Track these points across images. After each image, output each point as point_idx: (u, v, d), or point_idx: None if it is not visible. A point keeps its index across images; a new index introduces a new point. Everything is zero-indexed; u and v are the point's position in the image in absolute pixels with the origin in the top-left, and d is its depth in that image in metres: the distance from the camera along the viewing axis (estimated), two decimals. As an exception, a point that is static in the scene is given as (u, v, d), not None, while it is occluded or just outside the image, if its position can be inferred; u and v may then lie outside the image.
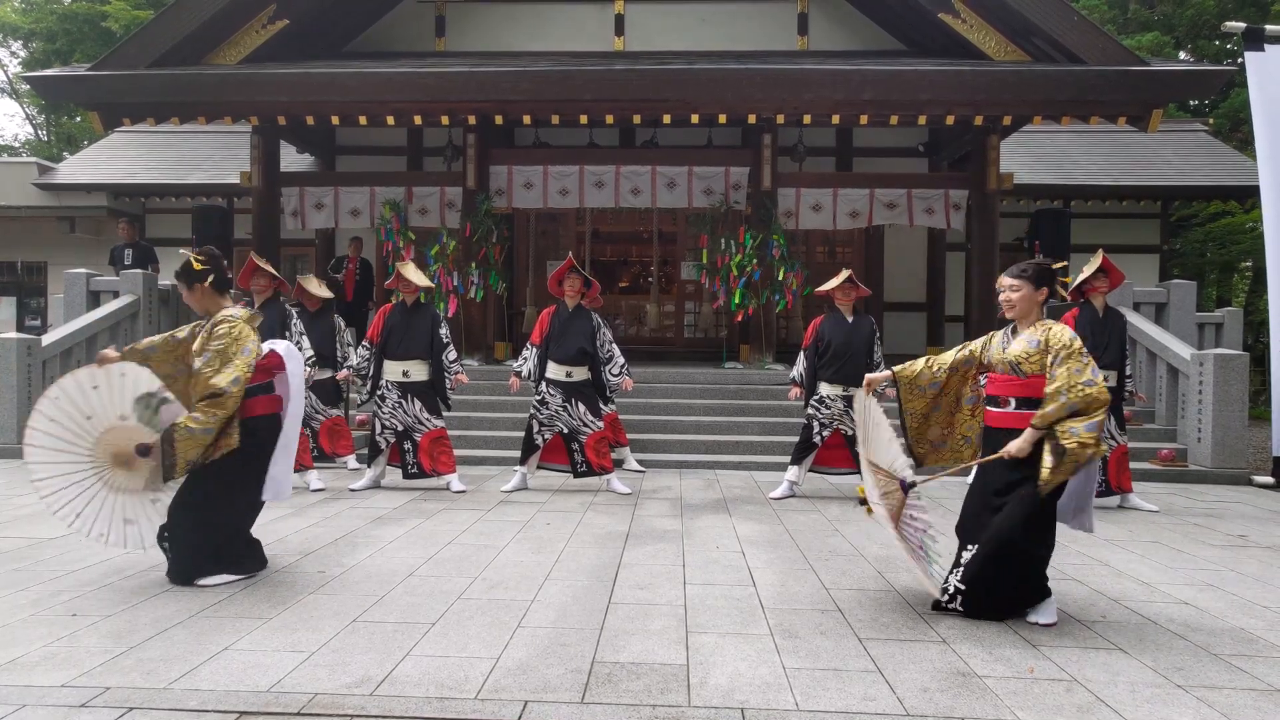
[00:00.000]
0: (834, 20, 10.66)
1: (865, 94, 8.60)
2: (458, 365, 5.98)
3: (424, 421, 5.84)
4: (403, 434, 5.84)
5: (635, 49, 10.54)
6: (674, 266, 12.71)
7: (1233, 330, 8.55)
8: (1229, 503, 6.14)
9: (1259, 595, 3.70)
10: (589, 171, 10.22)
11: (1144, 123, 8.82)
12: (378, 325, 5.96)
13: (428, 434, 5.84)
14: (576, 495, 5.87)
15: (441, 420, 5.96)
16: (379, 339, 5.92)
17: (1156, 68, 8.78)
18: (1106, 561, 4.24)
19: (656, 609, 3.33)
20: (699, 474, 6.99)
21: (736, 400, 8.52)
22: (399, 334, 5.88)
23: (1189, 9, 19.59)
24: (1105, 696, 2.54)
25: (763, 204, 9.75)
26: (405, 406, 5.82)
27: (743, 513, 5.37)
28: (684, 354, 11.82)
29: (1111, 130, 12.36)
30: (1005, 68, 8.77)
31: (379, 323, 5.97)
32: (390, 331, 5.90)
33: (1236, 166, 13.33)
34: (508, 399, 8.32)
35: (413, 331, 5.88)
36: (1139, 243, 13.64)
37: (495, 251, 9.78)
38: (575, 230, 12.42)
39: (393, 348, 5.88)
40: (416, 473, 5.86)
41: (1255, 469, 7.21)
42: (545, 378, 5.93)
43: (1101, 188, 12.83)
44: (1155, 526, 5.19)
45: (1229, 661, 2.87)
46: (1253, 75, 7.49)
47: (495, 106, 8.88)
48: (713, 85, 8.65)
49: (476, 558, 4.10)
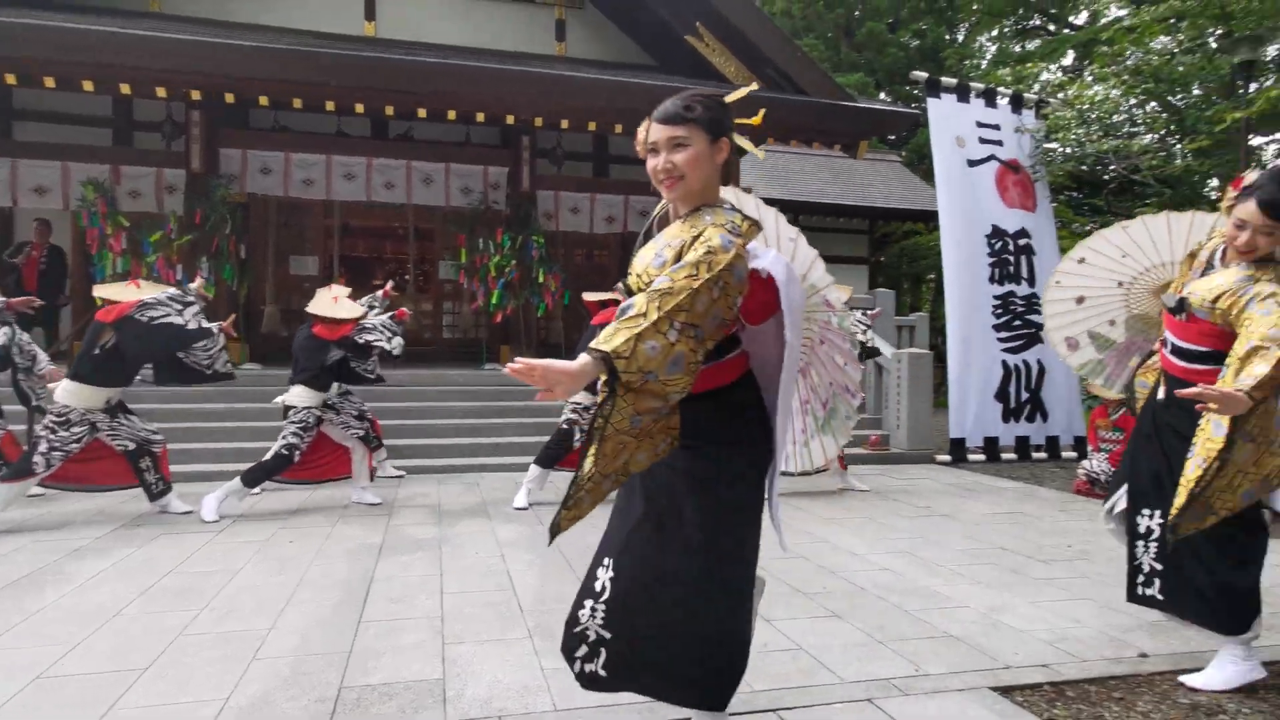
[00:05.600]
0: (591, 30, 10.95)
1: (620, 104, 8.93)
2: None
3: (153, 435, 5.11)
4: (135, 452, 5.05)
5: (388, 36, 10.04)
6: (432, 265, 12.30)
7: (922, 332, 10.10)
8: (920, 479, 7.24)
9: (938, 556, 4.41)
10: (338, 162, 9.56)
11: (853, 150, 10.14)
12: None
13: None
14: (324, 510, 5.47)
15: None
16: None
17: (864, 105, 10.11)
18: (827, 539, 4.80)
19: (411, 623, 3.21)
20: (460, 478, 6.84)
21: (497, 402, 8.45)
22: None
23: (887, 57, 22.89)
24: (824, 659, 2.88)
25: (522, 205, 9.77)
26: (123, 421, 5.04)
27: (504, 516, 5.34)
28: (443, 355, 11.49)
29: (826, 154, 14.01)
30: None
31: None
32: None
33: (923, 194, 15.79)
34: (244, 407, 7.55)
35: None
36: (852, 255, 15.66)
37: (229, 243, 8.81)
38: (323, 223, 11.54)
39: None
40: (163, 489, 5.15)
41: (938, 450, 8.56)
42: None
43: (823, 204, 14.54)
44: (866, 504, 5.97)
45: (916, 616, 3.39)
46: (933, 118, 8.90)
47: (226, 83, 7.96)
48: (471, 82, 8.48)
49: (204, 586, 3.67)
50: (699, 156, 1.76)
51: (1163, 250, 3.33)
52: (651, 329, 1.52)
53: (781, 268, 1.81)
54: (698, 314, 1.56)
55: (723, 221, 1.72)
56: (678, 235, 1.75)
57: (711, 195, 1.83)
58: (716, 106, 1.81)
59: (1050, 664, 2.89)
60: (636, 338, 1.50)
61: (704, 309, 1.57)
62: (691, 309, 1.55)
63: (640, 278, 1.78)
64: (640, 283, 1.77)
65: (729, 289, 1.62)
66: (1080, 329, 3.74)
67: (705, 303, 1.57)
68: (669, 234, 1.79)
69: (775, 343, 1.88)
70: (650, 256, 1.77)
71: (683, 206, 1.83)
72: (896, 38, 23.74)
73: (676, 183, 1.78)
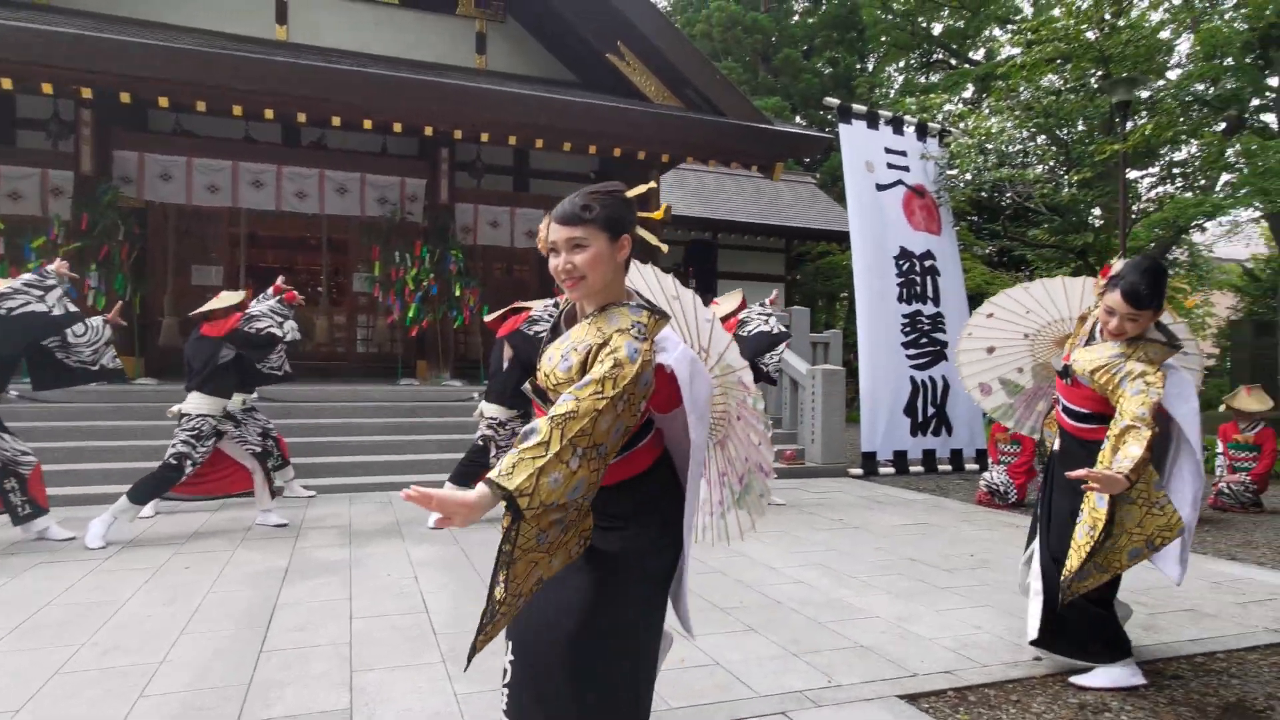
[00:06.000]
0: (512, 44, 10.91)
1: (541, 119, 8.92)
2: None
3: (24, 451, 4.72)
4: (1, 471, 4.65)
5: (300, 41, 9.73)
6: (346, 277, 11.94)
7: (836, 349, 10.39)
8: (833, 492, 7.44)
9: (851, 567, 4.53)
10: (245, 169, 9.19)
11: (770, 171, 10.41)
12: None
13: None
14: (225, 533, 5.19)
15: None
16: None
17: (779, 128, 10.42)
18: (744, 552, 4.86)
19: (317, 650, 3.07)
20: (372, 497, 6.61)
21: (412, 418, 8.23)
22: None
23: (802, 83, 23.71)
24: (739, 673, 2.90)
25: (440, 218, 9.61)
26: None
27: (418, 536, 5.19)
28: (357, 370, 11.14)
29: (745, 175, 14.35)
30: (665, 111, 9.74)
31: None
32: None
33: (836, 215, 16.35)
34: (138, 425, 7.11)
35: None
36: (770, 272, 16.04)
37: (122, 251, 8.31)
38: (229, 232, 11.06)
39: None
40: (31, 513, 4.74)
41: (851, 463, 8.82)
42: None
43: (741, 223, 14.86)
44: (782, 518, 6.08)
45: (830, 627, 3.47)
46: (844, 143, 9.24)
47: (121, 81, 7.54)
48: (387, 92, 8.30)
49: (86, 618, 3.41)
50: (599, 257, 1.72)
51: (1060, 307, 3.67)
52: (555, 460, 1.50)
53: (685, 365, 1.77)
54: (601, 434, 1.55)
55: (628, 325, 1.68)
56: (584, 338, 1.71)
57: (616, 292, 1.79)
58: (616, 204, 1.77)
59: (954, 670, 3.00)
60: (539, 472, 1.48)
61: (607, 427, 1.56)
62: (594, 431, 1.54)
63: (548, 378, 1.74)
64: (548, 383, 1.74)
65: (633, 401, 1.61)
66: (992, 375, 4.07)
67: (609, 421, 1.56)
68: (575, 335, 1.75)
69: (684, 432, 1.86)
70: (557, 359, 1.73)
71: (588, 305, 1.79)
72: (811, 64, 24.61)
73: (578, 283, 1.73)
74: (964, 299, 9.59)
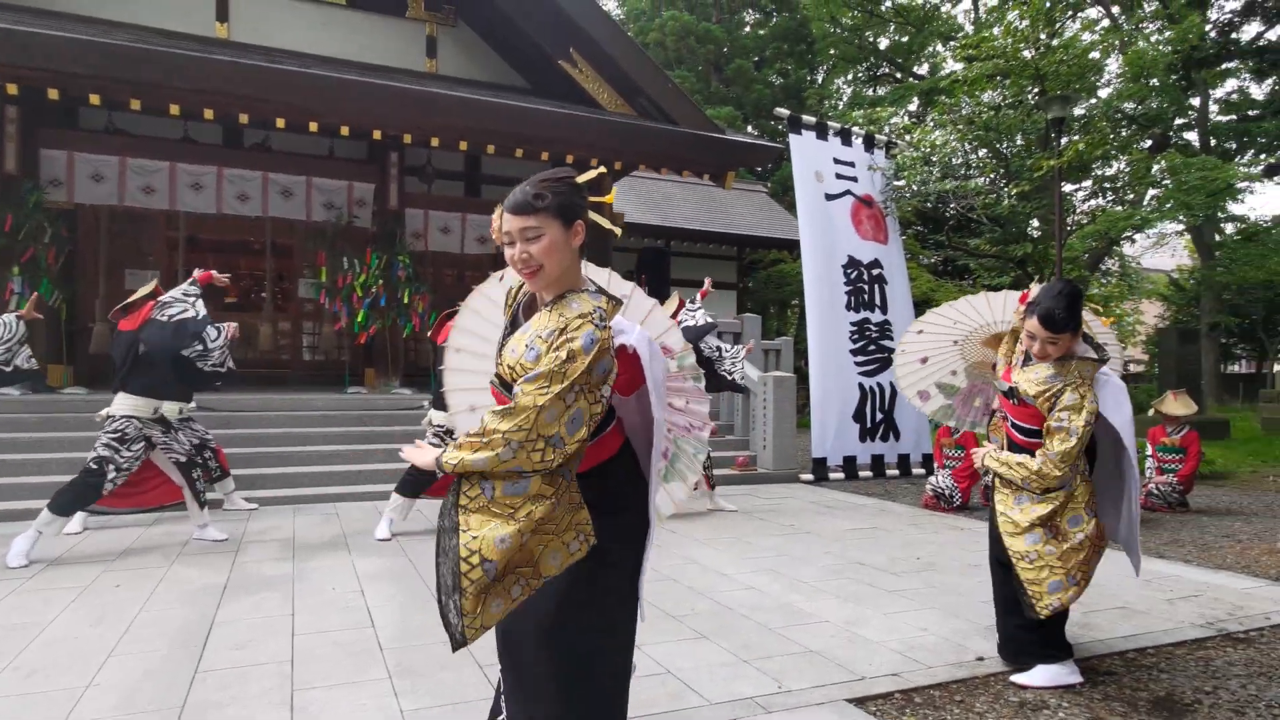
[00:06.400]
0: (463, 48, 10.80)
1: (493, 124, 8.84)
2: None
3: None
4: None
5: (242, 40, 9.48)
6: (291, 283, 11.64)
7: (787, 356, 10.52)
8: (785, 498, 7.51)
9: (801, 573, 4.57)
10: (184, 170, 8.91)
11: (722, 180, 10.51)
12: None
13: None
14: (159, 549, 4.99)
15: None
16: None
17: (730, 137, 10.52)
18: (696, 559, 4.87)
19: (257, 669, 2.97)
20: (318, 509, 6.44)
21: (360, 427, 8.06)
22: None
23: (753, 93, 24.03)
24: (690, 681, 2.90)
25: (389, 223, 9.45)
26: None
27: (364, 548, 5.07)
28: (302, 378, 10.86)
29: (698, 183, 14.45)
30: (618, 119, 9.75)
31: None
32: None
33: (787, 224, 16.58)
34: (65, 436, 6.80)
35: None
36: (722, 280, 16.14)
37: (49, 254, 7.96)
38: (165, 235, 10.67)
39: None
40: None
41: (802, 469, 8.93)
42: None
43: (694, 231, 14.96)
44: (734, 524, 6.11)
45: (780, 633, 3.49)
46: (794, 153, 9.38)
47: (48, 77, 7.23)
48: (333, 94, 8.13)
49: (8, 641, 3.24)
50: (554, 244, 1.73)
51: (984, 315, 4.00)
52: (484, 448, 1.59)
53: (645, 344, 1.84)
54: (544, 425, 1.59)
55: (589, 310, 1.70)
56: (546, 325, 1.71)
57: (573, 279, 1.80)
58: (567, 191, 1.78)
59: (900, 673, 3.04)
60: (468, 456, 1.59)
61: (552, 419, 1.60)
62: (535, 424, 1.59)
63: (512, 370, 1.72)
64: (512, 375, 1.72)
65: (590, 388, 1.65)
66: (928, 382, 4.42)
67: (556, 413, 1.60)
68: (537, 324, 1.74)
69: (641, 414, 1.92)
70: (521, 349, 1.71)
71: (546, 294, 1.80)
72: (763, 75, 24.98)
73: (537, 272, 1.75)
74: (910, 307, 9.81)
